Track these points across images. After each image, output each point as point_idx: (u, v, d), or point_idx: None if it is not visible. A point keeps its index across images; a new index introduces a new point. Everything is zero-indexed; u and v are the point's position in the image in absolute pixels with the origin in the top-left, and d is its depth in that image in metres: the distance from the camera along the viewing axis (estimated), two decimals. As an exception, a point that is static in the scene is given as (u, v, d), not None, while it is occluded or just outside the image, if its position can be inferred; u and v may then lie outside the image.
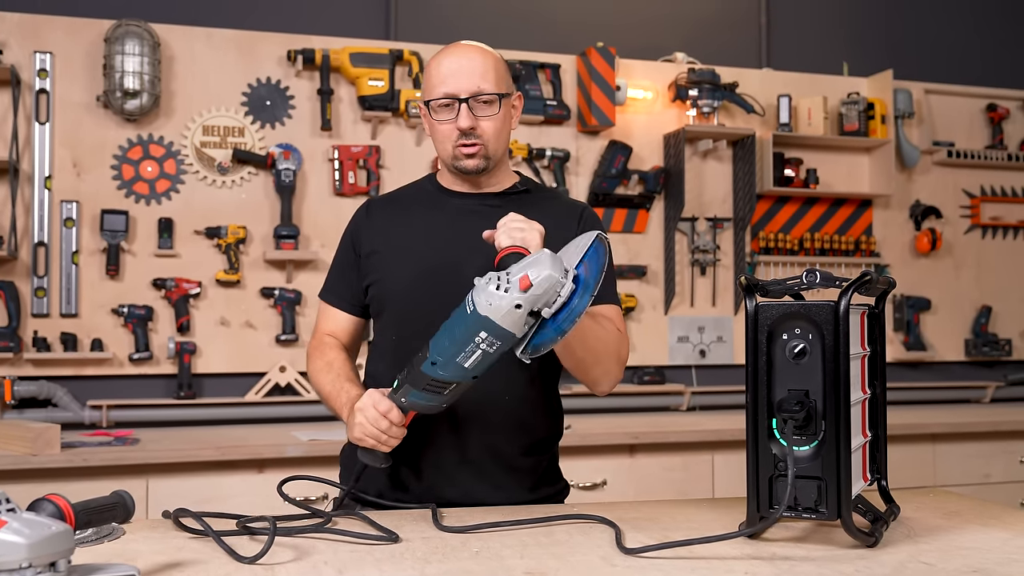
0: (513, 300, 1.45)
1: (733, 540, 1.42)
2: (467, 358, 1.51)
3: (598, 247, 1.56)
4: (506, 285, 1.46)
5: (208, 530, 1.44)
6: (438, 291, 1.77)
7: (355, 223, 1.98)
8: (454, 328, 1.51)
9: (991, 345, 4.50)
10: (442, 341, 1.53)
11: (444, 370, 1.53)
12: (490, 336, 1.48)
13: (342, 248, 1.99)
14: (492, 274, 1.50)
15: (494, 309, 1.46)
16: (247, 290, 3.66)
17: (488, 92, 1.80)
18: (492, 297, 1.46)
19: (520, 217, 1.67)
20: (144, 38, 3.47)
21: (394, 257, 1.88)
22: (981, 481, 3.75)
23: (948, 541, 1.45)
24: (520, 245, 1.61)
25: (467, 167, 1.84)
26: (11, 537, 1.01)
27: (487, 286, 1.47)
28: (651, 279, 4.12)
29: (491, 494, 1.80)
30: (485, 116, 1.81)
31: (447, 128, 1.82)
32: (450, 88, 1.79)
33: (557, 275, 1.47)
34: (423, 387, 1.57)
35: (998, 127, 4.59)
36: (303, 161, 3.72)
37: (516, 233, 1.63)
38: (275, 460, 3.05)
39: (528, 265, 1.48)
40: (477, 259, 1.77)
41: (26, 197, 3.47)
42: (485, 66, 1.81)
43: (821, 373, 1.39)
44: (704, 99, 4.04)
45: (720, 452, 3.47)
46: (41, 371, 3.43)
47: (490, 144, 1.83)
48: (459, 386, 1.57)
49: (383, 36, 3.96)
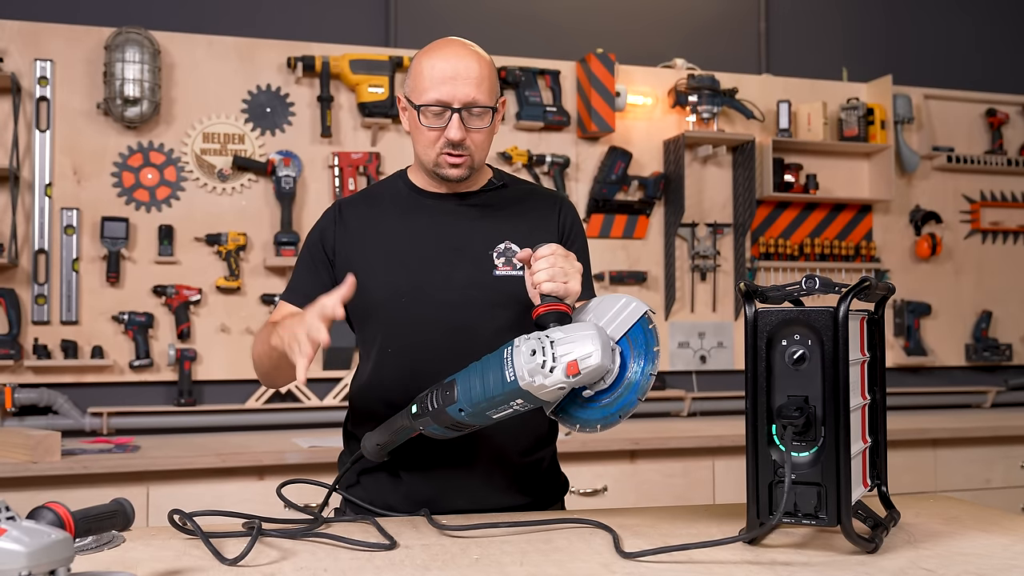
0: (558, 383, 1.42)
1: (733, 546, 1.42)
2: (496, 412, 1.50)
3: (647, 329, 1.49)
4: (551, 364, 1.42)
5: (197, 531, 1.46)
6: (428, 300, 1.76)
7: (325, 225, 1.88)
8: (489, 385, 1.48)
9: (992, 350, 4.50)
10: (473, 391, 1.49)
11: (471, 418, 1.52)
12: (525, 402, 1.47)
13: (310, 249, 1.87)
14: (535, 341, 1.45)
15: (536, 387, 1.43)
16: (247, 297, 3.66)
17: (482, 104, 1.74)
18: (536, 374, 1.42)
19: (563, 252, 1.57)
20: (144, 45, 3.48)
21: (376, 264, 1.80)
22: (982, 486, 3.74)
23: (948, 547, 1.45)
24: (563, 298, 1.53)
25: (450, 176, 1.78)
26: (10, 545, 1.01)
27: (532, 359, 1.43)
28: (651, 285, 4.12)
29: (498, 497, 1.80)
30: (476, 128, 1.75)
31: (434, 135, 1.75)
32: (443, 95, 1.72)
33: (607, 364, 1.44)
34: (446, 425, 1.56)
35: (998, 132, 4.59)
36: (303, 168, 3.73)
37: (559, 276, 1.54)
38: (275, 467, 3.05)
39: (576, 344, 1.43)
40: (464, 265, 1.76)
41: (26, 204, 3.47)
42: (480, 74, 1.74)
43: (820, 379, 1.39)
44: (704, 105, 4.05)
45: (721, 458, 3.46)
46: (41, 378, 3.43)
47: (476, 155, 1.78)
48: (479, 427, 1.57)
49: (383, 43, 3.97)
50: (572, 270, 1.55)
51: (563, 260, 1.56)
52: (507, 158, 3.90)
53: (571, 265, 1.56)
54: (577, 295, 1.55)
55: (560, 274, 1.54)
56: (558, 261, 1.55)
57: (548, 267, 1.54)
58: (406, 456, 1.76)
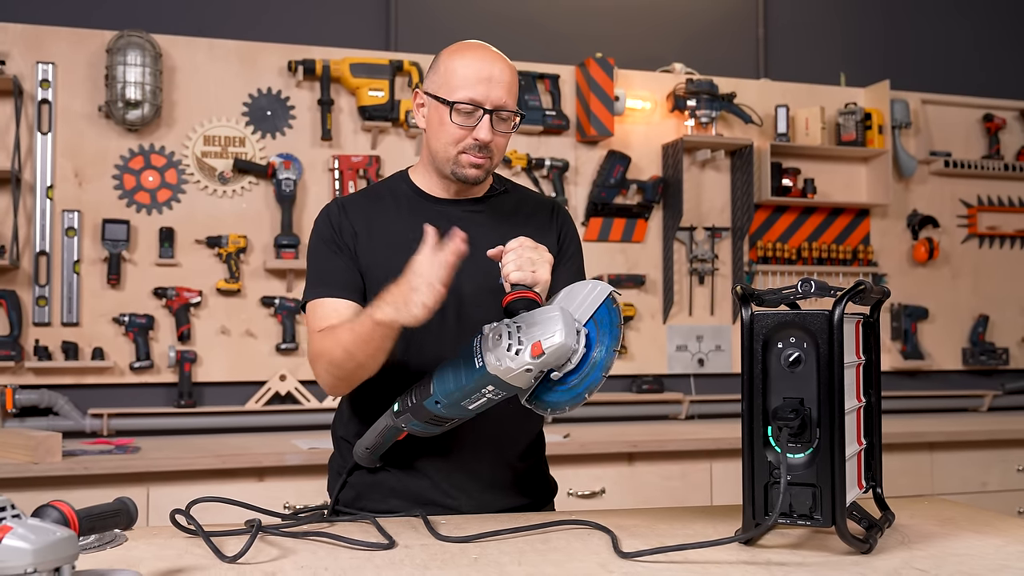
0: (524, 365, 1.45)
1: (729, 546, 1.43)
2: (471, 403, 1.54)
3: (611, 308, 1.51)
4: (517, 347, 1.45)
5: (198, 529, 1.48)
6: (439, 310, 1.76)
7: (332, 220, 1.82)
8: (460, 375, 1.51)
9: (988, 354, 4.52)
10: (447, 384, 1.53)
11: (447, 410, 1.55)
12: (496, 388, 1.50)
13: (325, 242, 1.81)
14: (502, 327, 1.48)
15: (503, 370, 1.46)
16: (247, 299, 3.68)
17: (510, 109, 1.75)
18: (503, 358, 1.45)
19: (531, 243, 1.60)
20: (146, 49, 3.49)
21: (381, 265, 1.77)
22: (978, 489, 3.76)
23: (942, 547, 1.46)
24: (530, 286, 1.55)
25: (468, 176, 1.78)
26: (16, 543, 1.02)
27: (498, 343, 1.46)
28: (650, 288, 4.13)
29: (494, 499, 1.81)
30: (501, 132, 1.76)
31: (461, 133, 1.74)
32: (477, 95, 1.72)
33: (571, 343, 1.46)
34: (425, 420, 1.59)
35: (995, 137, 4.61)
36: (303, 171, 3.74)
37: (527, 266, 1.56)
38: (275, 468, 3.06)
39: (541, 326, 1.46)
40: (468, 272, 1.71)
41: (28, 207, 3.49)
42: (511, 80, 1.76)
43: (816, 382, 1.41)
44: (702, 109, 4.07)
45: (718, 460, 3.47)
46: (42, 380, 3.45)
47: (496, 158, 1.79)
48: (459, 420, 1.60)
49: (383, 47, 3.98)
50: (540, 259, 1.58)
51: (531, 251, 1.59)
52: (506, 162, 3.92)
53: (539, 255, 1.59)
54: (546, 283, 1.58)
55: (527, 263, 1.57)
56: (525, 252, 1.58)
57: (515, 258, 1.58)
58: (406, 457, 1.77)
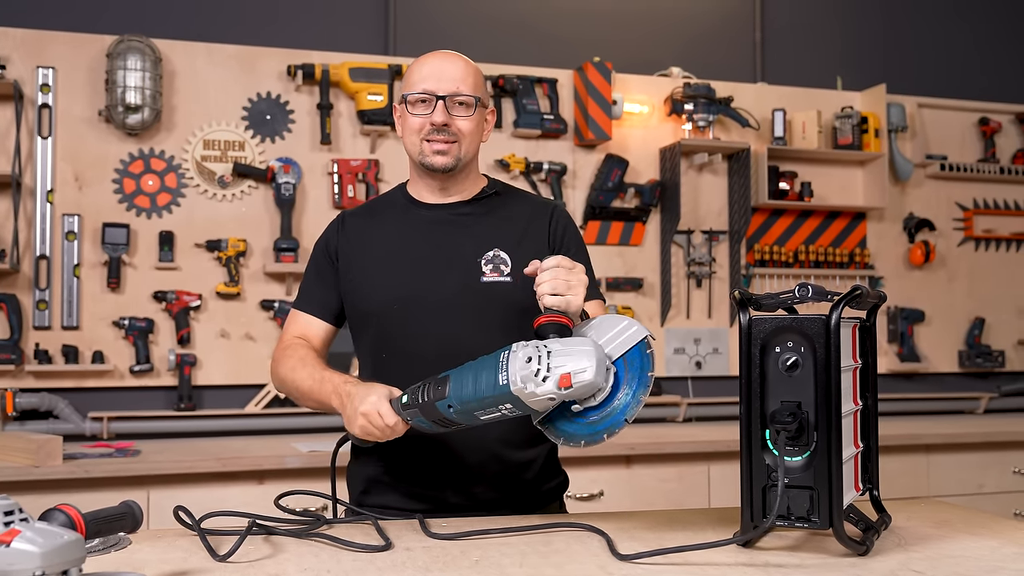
0: (548, 393, 1.44)
1: (727, 548, 1.45)
2: (485, 414, 1.52)
3: (643, 353, 1.48)
4: (545, 374, 1.43)
5: (196, 527, 1.50)
6: (421, 307, 1.81)
7: (329, 235, 1.97)
8: (481, 386, 1.49)
9: (984, 356, 4.54)
10: (465, 390, 1.51)
11: (458, 415, 1.54)
12: (514, 407, 1.49)
13: (316, 258, 1.97)
14: (532, 349, 1.46)
15: (527, 394, 1.44)
16: (247, 303, 3.69)
17: (465, 93, 1.82)
18: (528, 382, 1.44)
19: (567, 263, 1.59)
20: (146, 53, 3.50)
21: (372, 272, 1.87)
22: (975, 492, 3.77)
23: (938, 549, 1.48)
24: (564, 310, 1.54)
25: (435, 164, 1.83)
26: (25, 546, 1.04)
27: (526, 366, 1.44)
28: (647, 291, 4.15)
29: (497, 494, 1.83)
30: (461, 116, 1.83)
31: (419, 121, 1.83)
32: (429, 86, 1.82)
33: (599, 382, 1.45)
34: (433, 419, 1.58)
35: (990, 140, 4.63)
36: (303, 175, 3.75)
37: (562, 288, 1.55)
38: (275, 471, 3.07)
39: (573, 358, 1.44)
40: (454, 273, 1.81)
41: (28, 211, 3.50)
42: (465, 71, 1.84)
43: (813, 385, 1.42)
44: (700, 113, 4.08)
45: (716, 463, 3.49)
46: (42, 383, 3.45)
47: (464, 144, 1.84)
48: (465, 427, 1.59)
49: (382, 51, 4.00)
50: (576, 283, 1.56)
51: (567, 273, 1.57)
52: (504, 165, 3.93)
53: (576, 277, 1.57)
54: (579, 309, 1.57)
55: (563, 286, 1.55)
56: (561, 274, 1.57)
57: (551, 279, 1.56)
58: (407, 460, 1.79)
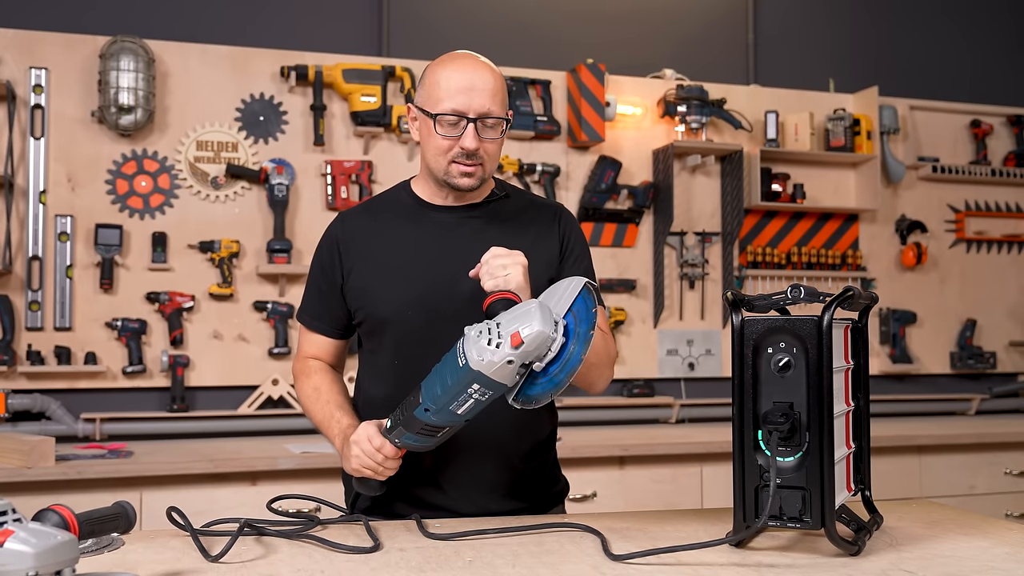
0: (505, 356, 1.47)
1: (719, 548, 1.45)
2: (460, 406, 1.54)
3: (586, 297, 1.55)
4: (497, 340, 1.48)
5: (188, 527, 1.50)
6: (435, 314, 1.79)
7: (331, 238, 1.91)
8: (446, 377, 1.53)
9: (976, 358, 4.55)
10: (434, 389, 1.55)
11: (437, 416, 1.57)
12: (482, 387, 1.51)
13: (319, 266, 1.92)
14: (482, 325, 1.51)
15: (486, 364, 1.48)
16: (240, 304, 3.68)
17: (495, 115, 1.77)
18: (484, 352, 1.48)
19: (502, 252, 1.65)
20: (139, 54, 3.50)
21: (383, 278, 1.84)
22: (966, 492, 3.79)
23: (929, 549, 1.49)
24: (505, 289, 1.60)
25: (461, 185, 1.81)
26: (18, 546, 1.04)
27: (478, 339, 1.49)
28: (640, 293, 4.16)
29: (500, 502, 1.83)
30: (489, 139, 1.78)
31: (447, 144, 1.77)
32: (459, 105, 1.74)
33: (548, 331, 1.48)
34: (417, 431, 1.60)
35: (982, 143, 4.65)
36: (296, 176, 3.75)
37: (499, 272, 1.62)
38: (268, 472, 3.07)
39: (519, 319, 1.49)
40: (470, 280, 1.77)
41: (21, 211, 3.49)
42: (495, 87, 1.77)
43: (805, 386, 1.43)
44: (692, 115, 4.09)
45: (709, 464, 3.50)
46: (35, 384, 3.45)
47: (488, 165, 1.81)
48: (451, 428, 1.61)
49: (375, 52, 4.00)
50: (511, 262, 1.63)
51: (501, 258, 1.64)
52: (498, 167, 3.93)
53: (511, 259, 1.64)
54: (519, 283, 1.62)
55: (498, 269, 1.62)
56: (495, 260, 1.64)
57: (488, 269, 1.64)
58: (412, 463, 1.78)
